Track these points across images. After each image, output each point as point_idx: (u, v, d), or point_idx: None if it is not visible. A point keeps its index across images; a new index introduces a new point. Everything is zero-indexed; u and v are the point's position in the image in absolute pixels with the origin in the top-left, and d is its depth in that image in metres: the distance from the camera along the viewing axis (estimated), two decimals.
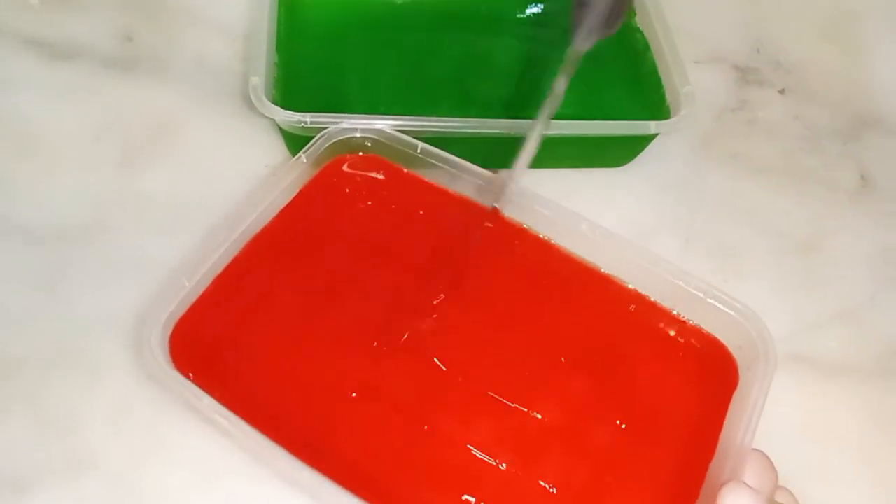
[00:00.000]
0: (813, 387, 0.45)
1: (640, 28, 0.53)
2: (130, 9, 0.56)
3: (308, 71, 0.52)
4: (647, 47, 0.52)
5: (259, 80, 0.46)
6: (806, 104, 0.57)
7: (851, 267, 0.50)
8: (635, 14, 0.54)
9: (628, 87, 0.53)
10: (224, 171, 0.49)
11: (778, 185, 0.53)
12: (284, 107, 0.46)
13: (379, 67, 0.53)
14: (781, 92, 0.57)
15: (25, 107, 0.51)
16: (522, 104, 0.53)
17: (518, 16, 0.57)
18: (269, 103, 0.45)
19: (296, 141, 0.47)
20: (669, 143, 0.52)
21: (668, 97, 0.50)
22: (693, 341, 0.42)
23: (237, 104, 0.52)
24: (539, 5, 0.57)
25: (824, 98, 0.58)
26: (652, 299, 0.43)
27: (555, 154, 0.50)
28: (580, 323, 0.43)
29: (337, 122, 0.45)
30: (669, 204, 0.51)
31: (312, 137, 0.45)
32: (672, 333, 0.43)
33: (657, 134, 0.49)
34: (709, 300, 0.41)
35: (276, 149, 0.50)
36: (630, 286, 0.44)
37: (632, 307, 0.43)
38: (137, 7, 0.56)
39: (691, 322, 0.43)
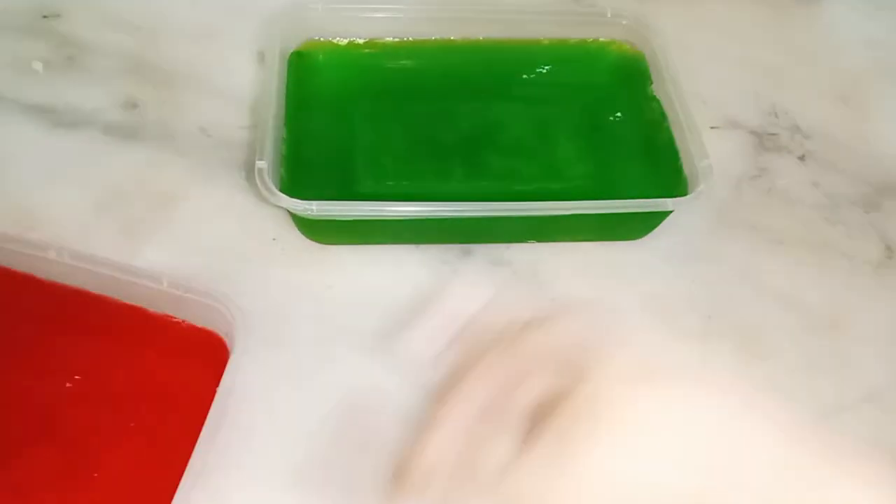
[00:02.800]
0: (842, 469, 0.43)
1: (657, 97, 0.52)
2: (135, 75, 0.55)
3: (316, 141, 0.51)
4: (663, 117, 0.51)
5: (265, 164, 0.44)
6: (826, 171, 0.55)
7: (877, 344, 0.48)
8: (651, 82, 0.53)
9: (645, 157, 0.52)
10: (229, 243, 0.48)
11: (799, 257, 0.51)
12: (292, 180, 0.45)
13: (388, 136, 0.52)
14: (801, 158, 0.56)
15: (26, 175, 0.50)
16: (534, 168, 0.52)
17: (526, 77, 0.56)
18: (276, 191, 0.43)
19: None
20: (687, 214, 0.50)
21: (686, 169, 0.49)
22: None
23: (242, 174, 0.50)
24: (546, 66, 0.56)
25: (844, 164, 0.56)
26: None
27: (570, 228, 0.49)
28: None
29: (345, 210, 0.44)
30: (688, 278, 0.49)
31: None
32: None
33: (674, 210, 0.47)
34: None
35: (284, 220, 0.48)
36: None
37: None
38: (142, 74, 0.55)
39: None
